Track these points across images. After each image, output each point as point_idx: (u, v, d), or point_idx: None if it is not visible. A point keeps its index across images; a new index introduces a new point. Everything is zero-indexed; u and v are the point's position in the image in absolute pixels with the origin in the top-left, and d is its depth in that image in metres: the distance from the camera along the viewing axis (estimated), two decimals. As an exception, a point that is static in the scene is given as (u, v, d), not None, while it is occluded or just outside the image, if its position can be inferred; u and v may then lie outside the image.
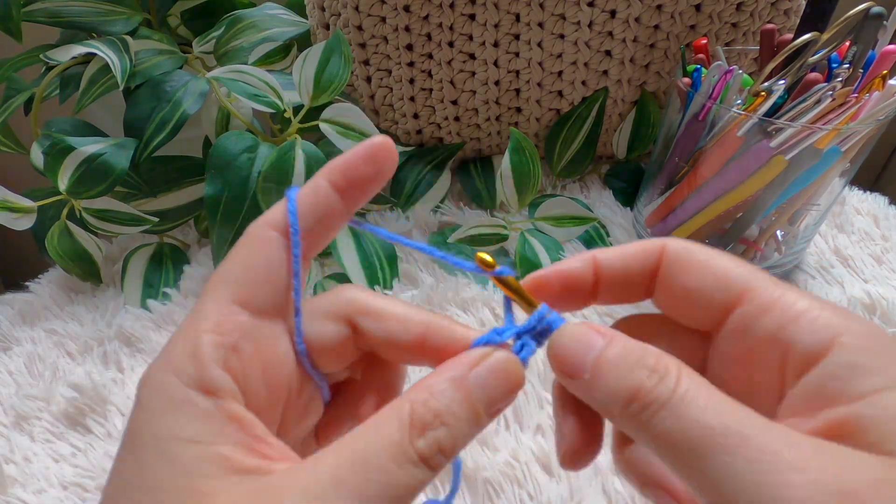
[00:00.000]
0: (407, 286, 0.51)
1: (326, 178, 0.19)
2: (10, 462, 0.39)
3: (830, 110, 0.41)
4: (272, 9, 0.55)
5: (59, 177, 0.45)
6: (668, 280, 0.19)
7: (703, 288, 0.18)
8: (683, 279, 0.18)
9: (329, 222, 0.19)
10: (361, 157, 0.19)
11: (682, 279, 0.18)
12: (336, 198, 0.19)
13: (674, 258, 0.19)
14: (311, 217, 0.19)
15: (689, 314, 0.19)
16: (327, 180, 0.19)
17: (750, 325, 0.17)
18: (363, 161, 0.19)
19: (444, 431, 0.16)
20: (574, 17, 0.53)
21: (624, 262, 0.19)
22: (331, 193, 0.19)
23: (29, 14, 0.48)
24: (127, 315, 0.49)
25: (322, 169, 0.19)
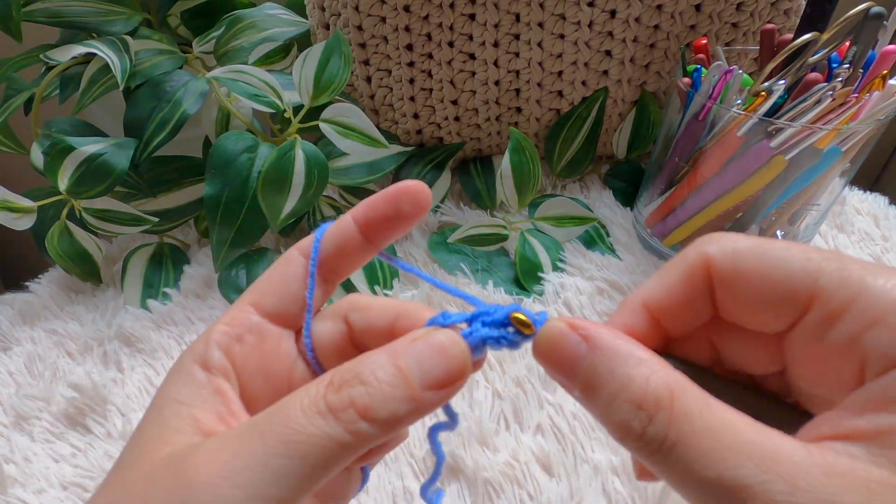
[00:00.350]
0: (407, 286, 0.51)
1: (352, 215, 0.21)
2: (10, 462, 0.39)
3: (830, 110, 0.41)
4: (272, 9, 0.55)
5: (59, 177, 0.45)
6: (727, 298, 0.17)
7: (766, 300, 0.16)
8: (742, 296, 0.17)
9: (347, 253, 0.21)
10: (383, 198, 0.20)
11: (740, 296, 0.17)
12: (356, 232, 0.21)
13: (724, 271, 0.17)
14: (331, 247, 0.21)
15: (755, 323, 0.17)
16: (352, 216, 0.21)
17: (822, 333, 0.16)
18: (384, 201, 0.20)
19: (360, 389, 0.16)
20: (574, 17, 0.53)
21: (673, 297, 0.18)
22: (352, 229, 0.21)
23: (29, 14, 0.48)
24: (127, 315, 0.49)
25: (357, 204, 0.21)
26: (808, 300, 0.16)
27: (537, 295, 0.49)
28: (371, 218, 0.21)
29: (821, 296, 0.15)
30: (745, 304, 0.17)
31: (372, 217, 0.20)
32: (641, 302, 0.18)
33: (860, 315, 0.15)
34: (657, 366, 0.15)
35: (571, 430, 0.38)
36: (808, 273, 0.15)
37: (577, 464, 0.36)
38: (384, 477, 0.37)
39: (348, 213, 0.21)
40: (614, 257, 0.53)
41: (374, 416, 0.16)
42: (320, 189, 0.47)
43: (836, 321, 0.15)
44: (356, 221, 0.21)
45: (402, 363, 0.17)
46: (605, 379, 0.15)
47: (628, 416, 0.15)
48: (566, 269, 0.52)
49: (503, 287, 0.50)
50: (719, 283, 0.17)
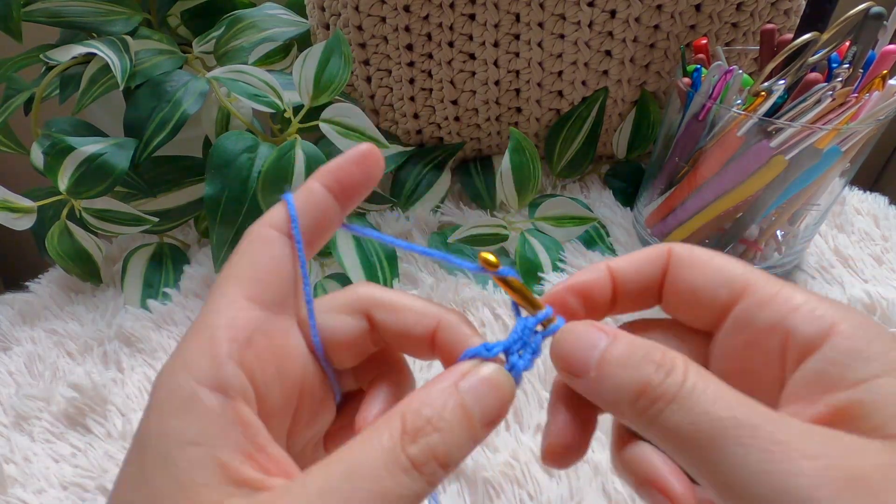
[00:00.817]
0: (407, 286, 0.51)
1: (321, 182, 0.20)
2: (10, 462, 0.39)
3: (830, 110, 0.41)
4: (272, 9, 0.55)
5: (59, 177, 0.45)
6: (675, 282, 0.20)
7: (706, 286, 0.19)
8: (689, 279, 0.19)
9: (325, 223, 0.20)
10: (353, 162, 0.20)
11: (687, 279, 0.19)
12: (331, 200, 0.20)
13: (679, 260, 0.19)
14: (308, 218, 0.19)
15: (694, 314, 0.20)
16: (321, 184, 0.20)
17: (751, 318, 0.18)
18: (355, 165, 0.20)
19: (437, 437, 0.15)
20: (574, 17, 0.53)
21: (637, 270, 0.20)
22: (326, 196, 0.20)
23: (29, 14, 0.48)
24: (127, 315, 0.49)
25: (314, 174, 0.20)
26: (739, 293, 0.18)
27: (537, 295, 0.49)
28: (345, 183, 0.20)
29: (751, 288, 0.18)
30: (686, 292, 0.19)
31: (346, 182, 0.20)
32: (607, 265, 0.21)
33: (783, 304, 0.17)
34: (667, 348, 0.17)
35: (571, 430, 0.38)
36: (742, 273, 0.18)
37: (577, 464, 0.36)
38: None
39: (313, 180, 0.20)
40: (614, 257, 0.53)
41: (451, 462, 0.16)
42: (320, 189, 0.47)
43: (764, 308, 0.18)
44: (329, 189, 0.20)
45: (466, 402, 0.16)
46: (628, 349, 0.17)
47: (649, 371, 0.16)
48: (566, 269, 0.52)
49: (503, 287, 0.50)
50: (674, 266, 0.20)
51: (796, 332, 0.17)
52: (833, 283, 0.50)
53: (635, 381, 0.16)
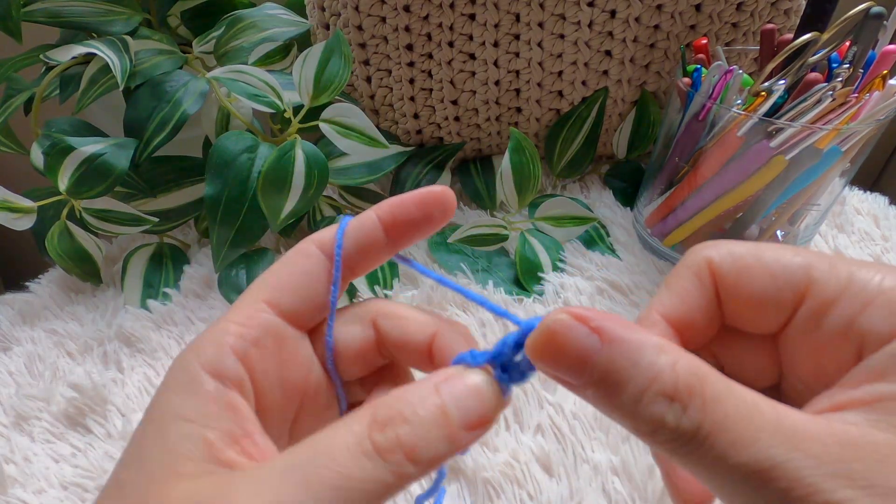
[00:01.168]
0: (407, 286, 0.51)
1: (376, 213, 0.20)
2: (10, 462, 0.39)
3: (830, 110, 0.41)
4: (272, 9, 0.55)
5: (59, 177, 0.45)
6: (730, 297, 0.18)
7: (766, 293, 0.17)
8: (744, 290, 0.17)
9: (369, 253, 0.20)
10: (412, 200, 0.20)
11: (743, 291, 0.17)
12: (380, 232, 0.20)
13: (726, 272, 0.17)
14: (353, 243, 0.20)
15: (758, 322, 0.18)
16: (376, 214, 0.20)
17: (818, 321, 0.16)
18: (413, 204, 0.20)
19: (405, 429, 0.15)
20: (574, 17, 0.53)
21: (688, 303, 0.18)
22: (376, 227, 0.20)
23: (29, 14, 0.48)
24: (127, 315, 0.49)
25: (379, 203, 0.20)
26: (803, 290, 0.16)
27: (537, 295, 0.49)
28: (399, 219, 0.20)
29: (814, 285, 0.16)
30: (748, 303, 0.17)
31: (400, 218, 0.20)
32: (659, 314, 0.18)
33: (853, 300, 0.16)
34: (677, 351, 0.15)
35: (571, 430, 0.38)
36: (801, 266, 0.17)
37: (577, 464, 0.36)
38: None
39: (371, 211, 0.20)
40: (614, 257, 0.53)
41: (419, 456, 0.15)
42: (320, 189, 0.47)
43: (831, 308, 0.16)
44: (382, 221, 0.20)
45: (444, 402, 0.16)
46: (629, 373, 0.14)
47: (661, 409, 0.14)
48: (566, 269, 0.52)
49: (503, 287, 0.50)
50: (722, 284, 0.17)
51: (871, 333, 0.15)
52: (833, 283, 0.49)
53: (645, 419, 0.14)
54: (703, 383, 0.14)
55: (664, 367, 0.14)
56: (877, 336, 0.15)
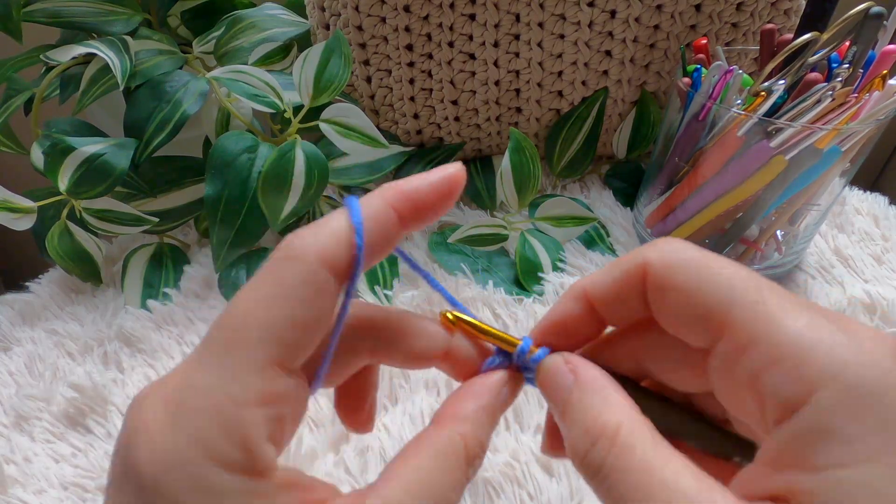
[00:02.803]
0: (407, 286, 0.51)
1: (391, 204, 0.17)
2: (10, 462, 0.39)
3: (830, 110, 0.41)
4: (272, 9, 0.55)
5: (59, 177, 0.45)
6: (655, 304, 0.17)
7: (685, 318, 0.16)
8: (667, 306, 0.17)
9: (379, 249, 0.17)
10: (432, 187, 0.17)
11: (665, 306, 0.17)
12: (395, 224, 0.17)
13: (656, 282, 0.17)
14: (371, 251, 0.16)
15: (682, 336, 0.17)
16: (390, 204, 0.17)
17: (730, 364, 0.15)
18: (433, 191, 0.17)
19: (481, 457, 0.19)
20: (574, 17, 0.53)
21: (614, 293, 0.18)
22: (392, 218, 0.17)
23: (29, 14, 0.48)
24: (127, 315, 0.49)
25: (385, 191, 0.17)
26: (721, 327, 0.15)
27: (537, 295, 0.49)
28: (419, 209, 0.17)
29: (731, 327, 0.15)
30: (670, 315, 0.17)
31: (420, 208, 0.17)
32: (583, 289, 0.19)
33: (762, 353, 0.14)
34: (618, 405, 0.17)
35: (571, 430, 0.38)
36: (724, 302, 0.15)
37: (577, 464, 0.36)
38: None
39: (381, 199, 0.17)
40: (614, 257, 0.53)
41: None
42: (320, 189, 0.47)
43: (741, 356, 0.15)
44: (400, 213, 0.17)
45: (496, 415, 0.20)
46: (575, 406, 0.17)
47: (577, 438, 0.16)
48: (566, 269, 0.52)
49: (503, 287, 0.50)
50: (651, 288, 0.17)
51: (772, 393, 0.14)
52: (833, 283, 0.50)
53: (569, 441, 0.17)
54: (619, 433, 0.16)
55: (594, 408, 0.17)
56: (778, 399, 0.14)
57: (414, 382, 0.42)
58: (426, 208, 0.17)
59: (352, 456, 0.37)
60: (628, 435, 0.16)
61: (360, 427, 0.22)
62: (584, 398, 0.17)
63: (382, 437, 0.38)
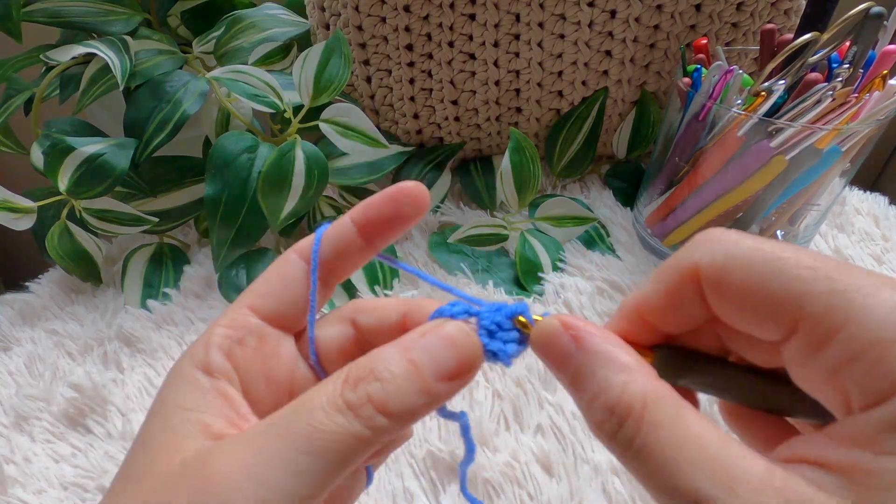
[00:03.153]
0: (407, 286, 0.51)
1: (350, 216, 0.21)
2: (10, 462, 0.39)
3: (830, 110, 0.41)
4: (272, 9, 0.55)
5: (59, 177, 0.45)
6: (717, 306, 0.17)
7: (752, 316, 0.16)
8: (729, 308, 0.16)
9: (346, 255, 0.21)
10: (382, 199, 0.20)
11: (728, 307, 0.16)
12: (354, 234, 0.21)
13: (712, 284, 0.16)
14: (330, 249, 0.21)
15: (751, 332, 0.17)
16: (351, 217, 0.21)
17: (807, 357, 0.15)
18: (383, 203, 0.20)
19: (376, 385, 0.17)
20: (574, 17, 0.53)
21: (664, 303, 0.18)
22: (351, 230, 0.21)
23: (29, 14, 0.48)
24: (127, 315, 0.49)
25: (355, 206, 0.21)
26: (794, 323, 0.15)
27: (537, 295, 0.49)
28: (370, 219, 0.20)
29: (806, 321, 0.15)
30: (734, 315, 0.16)
31: (371, 218, 0.20)
32: (635, 308, 0.18)
33: (842, 348, 0.14)
34: (637, 374, 0.16)
35: (571, 430, 0.38)
36: (794, 296, 0.15)
37: (577, 464, 0.36)
38: (384, 477, 0.37)
39: (346, 215, 0.21)
40: (614, 257, 0.53)
41: (391, 410, 0.16)
42: (320, 189, 0.47)
43: (819, 351, 0.15)
44: (355, 223, 0.21)
45: (415, 356, 0.17)
46: (588, 379, 0.16)
47: (602, 417, 0.16)
48: (566, 269, 0.52)
49: (503, 287, 0.50)
50: (709, 291, 0.16)
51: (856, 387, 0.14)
52: (833, 283, 0.49)
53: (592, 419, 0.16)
54: (645, 408, 0.15)
55: (614, 385, 0.16)
56: (861, 393, 0.14)
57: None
58: (379, 216, 0.20)
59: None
60: (655, 411, 0.15)
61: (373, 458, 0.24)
62: (596, 371, 0.16)
63: (382, 437, 0.38)
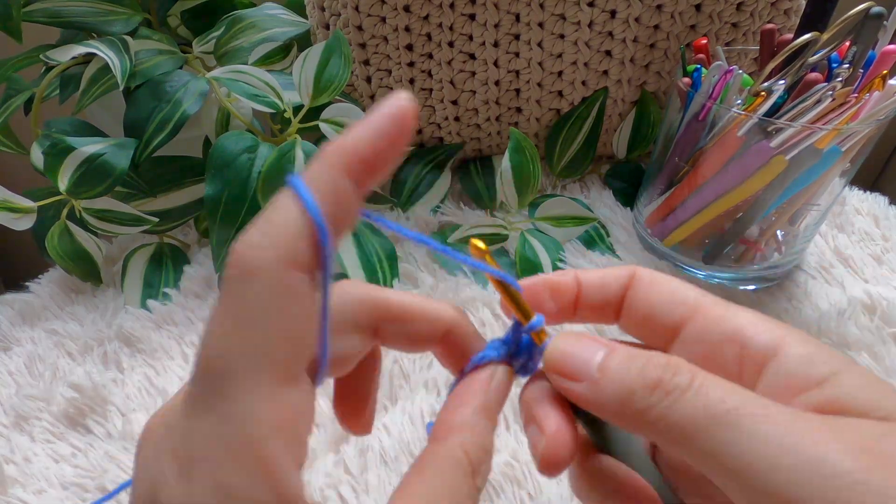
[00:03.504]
0: (407, 286, 0.51)
1: (345, 172, 0.14)
2: (10, 462, 0.39)
3: (830, 110, 0.41)
4: (272, 9, 0.55)
5: (59, 177, 0.45)
6: (634, 300, 0.20)
7: (661, 305, 0.20)
8: (645, 298, 0.20)
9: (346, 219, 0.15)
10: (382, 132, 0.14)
11: (644, 298, 0.20)
12: (356, 195, 0.15)
13: (640, 281, 0.21)
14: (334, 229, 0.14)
15: (648, 332, 0.20)
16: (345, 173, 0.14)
17: (704, 333, 0.19)
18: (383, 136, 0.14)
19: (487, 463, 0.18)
20: (574, 17, 0.53)
21: (601, 283, 0.21)
22: (348, 189, 0.14)
23: (29, 14, 0.48)
24: (127, 315, 0.49)
25: (329, 156, 0.14)
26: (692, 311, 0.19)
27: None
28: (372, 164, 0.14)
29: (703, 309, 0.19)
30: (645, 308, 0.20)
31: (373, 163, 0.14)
32: (576, 273, 0.22)
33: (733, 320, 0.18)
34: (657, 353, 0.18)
35: (571, 430, 0.38)
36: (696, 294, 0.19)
37: (577, 464, 0.36)
38: (384, 478, 0.37)
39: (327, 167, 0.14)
40: (614, 257, 0.53)
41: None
42: (320, 189, 0.47)
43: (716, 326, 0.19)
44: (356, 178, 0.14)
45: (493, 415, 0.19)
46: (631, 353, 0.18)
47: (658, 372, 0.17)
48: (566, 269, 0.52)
49: (503, 287, 0.50)
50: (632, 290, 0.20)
51: (750, 343, 0.18)
52: (833, 283, 0.49)
53: (645, 379, 0.17)
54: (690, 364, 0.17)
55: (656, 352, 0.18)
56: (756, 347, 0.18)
57: (414, 382, 0.42)
58: (379, 160, 0.14)
59: (352, 456, 0.37)
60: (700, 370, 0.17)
61: (360, 429, 0.22)
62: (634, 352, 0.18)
63: (382, 437, 0.38)
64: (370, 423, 0.23)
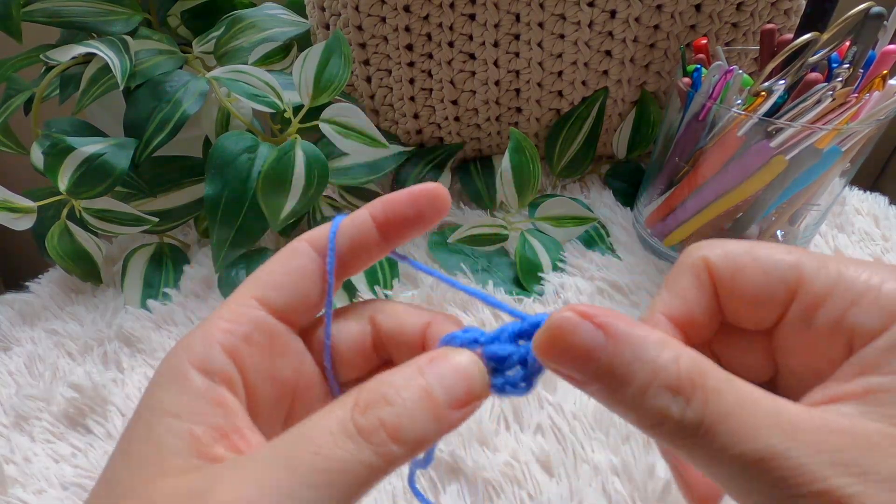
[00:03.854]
0: (407, 286, 0.51)
1: (369, 211, 0.20)
2: (10, 462, 0.39)
3: (830, 110, 0.41)
4: (272, 9, 0.55)
5: (59, 177, 0.45)
6: (729, 295, 0.18)
7: (759, 290, 0.17)
8: (741, 288, 0.18)
9: (363, 251, 0.20)
10: (405, 198, 0.20)
11: (740, 289, 0.18)
12: (373, 230, 0.20)
13: (722, 270, 0.18)
14: (346, 242, 0.20)
15: (752, 318, 0.18)
16: (369, 212, 0.20)
17: (809, 317, 0.17)
18: (405, 202, 0.20)
19: (389, 410, 0.15)
20: (574, 17, 0.53)
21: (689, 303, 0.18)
22: (370, 225, 0.20)
23: (29, 14, 0.48)
24: (127, 315, 0.49)
25: (372, 201, 0.20)
26: (794, 287, 0.17)
27: (537, 295, 0.49)
28: (391, 217, 0.20)
29: (804, 283, 0.17)
30: (742, 300, 0.18)
31: (392, 216, 0.20)
32: (661, 314, 0.18)
33: (841, 297, 0.16)
34: (679, 346, 0.15)
35: (571, 430, 0.38)
36: (792, 264, 0.17)
37: (577, 464, 0.36)
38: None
39: (365, 209, 0.20)
40: (614, 257, 0.53)
41: (404, 436, 0.15)
42: (320, 189, 0.47)
43: (821, 305, 0.16)
44: (375, 219, 0.20)
45: (427, 383, 0.16)
46: (633, 367, 0.15)
47: (665, 402, 0.14)
48: (566, 269, 0.52)
49: (503, 287, 0.50)
50: (719, 282, 0.18)
51: (860, 329, 0.16)
52: (833, 283, 0.49)
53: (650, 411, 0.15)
54: (704, 377, 0.15)
55: (668, 362, 0.15)
56: (866, 332, 0.16)
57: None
58: (400, 215, 0.20)
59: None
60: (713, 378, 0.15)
61: None
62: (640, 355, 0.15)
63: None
64: None
